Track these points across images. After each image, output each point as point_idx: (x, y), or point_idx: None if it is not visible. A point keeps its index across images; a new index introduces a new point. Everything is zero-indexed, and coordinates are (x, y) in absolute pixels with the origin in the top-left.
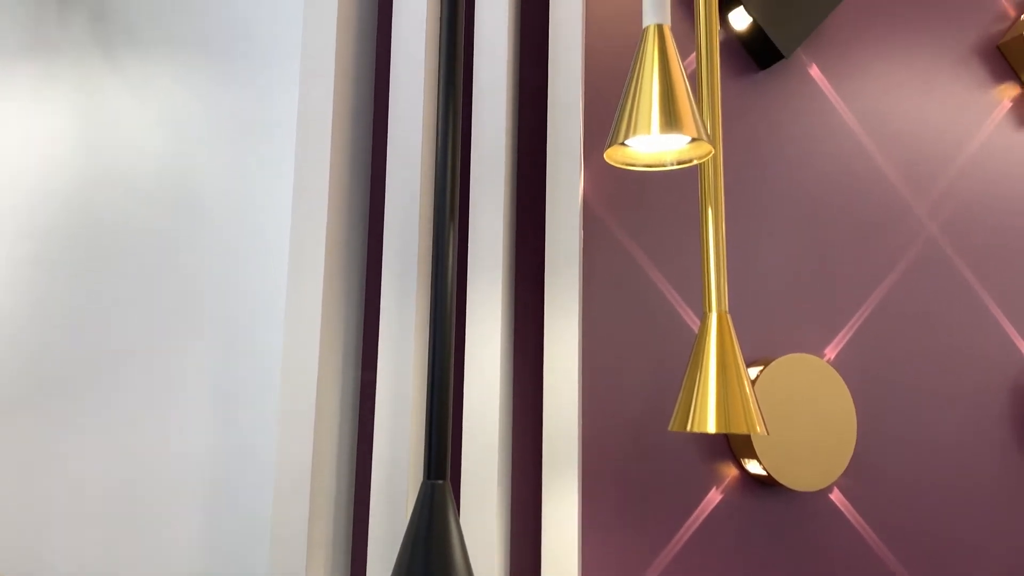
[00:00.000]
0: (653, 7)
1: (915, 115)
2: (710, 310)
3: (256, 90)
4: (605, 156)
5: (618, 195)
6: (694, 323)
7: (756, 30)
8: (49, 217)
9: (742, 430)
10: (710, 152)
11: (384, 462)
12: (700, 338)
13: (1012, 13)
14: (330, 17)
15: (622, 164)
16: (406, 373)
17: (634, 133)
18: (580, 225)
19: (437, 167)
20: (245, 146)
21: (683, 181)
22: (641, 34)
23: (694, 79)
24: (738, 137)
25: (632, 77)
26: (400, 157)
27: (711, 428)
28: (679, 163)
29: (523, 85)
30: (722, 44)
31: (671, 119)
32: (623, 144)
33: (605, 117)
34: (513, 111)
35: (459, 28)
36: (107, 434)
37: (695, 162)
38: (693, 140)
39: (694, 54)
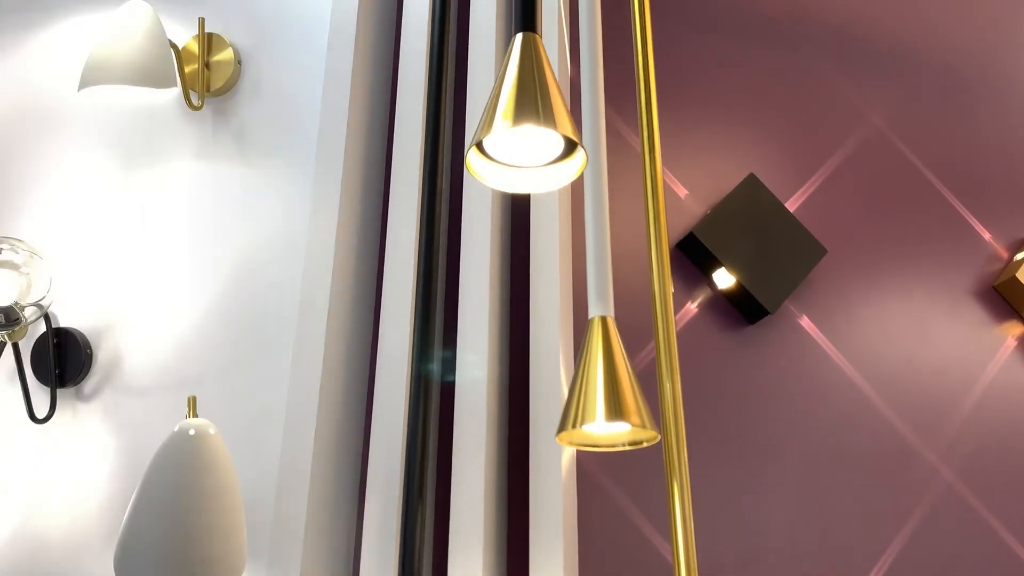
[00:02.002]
0: (597, 300)
1: (915, 359)
2: None
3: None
4: (557, 439)
5: (612, 454)
6: None
7: (740, 288)
8: None
9: None
10: (656, 438)
11: None
12: None
13: (1004, 255)
14: (319, 334)
15: (578, 446)
16: None
17: (582, 422)
18: (574, 489)
19: (407, 446)
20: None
21: None
22: (587, 326)
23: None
24: (730, 390)
25: (580, 367)
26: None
27: None
28: (631, 444)
29: (512, 361)
30: (709, 301)
31: (615, 409)
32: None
33: None
34: (500, 390)
35: (433, 339)
36: None
37: (645, 444)
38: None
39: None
